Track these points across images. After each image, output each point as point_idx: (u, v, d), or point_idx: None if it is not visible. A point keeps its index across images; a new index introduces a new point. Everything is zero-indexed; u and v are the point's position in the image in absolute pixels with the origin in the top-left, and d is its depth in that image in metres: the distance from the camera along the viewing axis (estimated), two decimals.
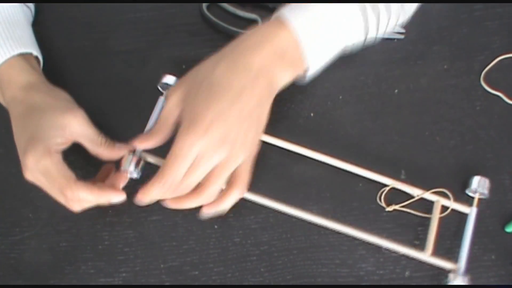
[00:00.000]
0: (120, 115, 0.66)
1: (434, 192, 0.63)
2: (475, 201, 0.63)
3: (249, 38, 0.56)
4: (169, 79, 0.63)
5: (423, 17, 0.67)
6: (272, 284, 0.64)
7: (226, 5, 0.67)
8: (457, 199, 0.64)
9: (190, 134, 0.52)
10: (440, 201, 0.63)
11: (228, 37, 0.67)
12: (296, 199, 0.65)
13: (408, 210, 0.64)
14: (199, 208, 0.65)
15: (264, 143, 0.65)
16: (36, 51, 0.64)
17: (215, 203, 0.56)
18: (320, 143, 0.65)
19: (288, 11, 0.55)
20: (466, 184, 0.64)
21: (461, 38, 0.68)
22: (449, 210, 0.63)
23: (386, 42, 0.67)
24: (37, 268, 0.64)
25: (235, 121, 0.53)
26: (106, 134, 0.65)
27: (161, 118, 0.56)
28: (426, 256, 0.62)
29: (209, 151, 0.53)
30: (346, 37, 0.58)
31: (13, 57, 0.60)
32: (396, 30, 0.66)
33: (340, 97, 0.67)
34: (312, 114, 0.66)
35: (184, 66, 0.67)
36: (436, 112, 0.67)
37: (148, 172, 0.58)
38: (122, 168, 0.60)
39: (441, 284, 0.64)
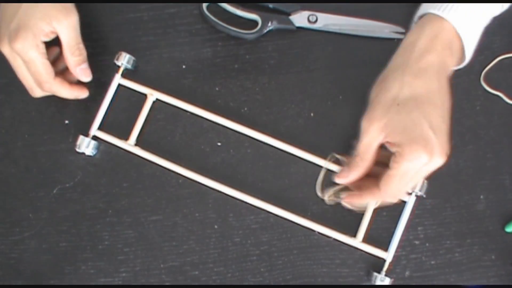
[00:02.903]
0: (120, 114, 0.66)
1: None
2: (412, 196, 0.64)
3: (417, 42, 0.56)
4: (125, 57, 0.65)
5: None
6: (272, 284, 0.64)
7: (226, 5, 0.67)
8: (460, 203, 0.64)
9: (417, 157, 0.53)
10: None
11: (228, 37, 0.67)
12: (296, 199, 0.65)
13: (342, 202, 0.62)
14: (198, 208, 0.65)
15: (264, 143, 0.65)
16: None
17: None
18: (320, 143, 0.65)
19: (439, 10, 0.56)
20: (468, 185, 0.65)
21: None
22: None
23: (386, 42, 0.67)
24: (37, 268, 0.64)
25: (446, 128, 0.55)
26: (107, 133, 0.65)
27: (361, 150, 0.56)
28: (356, 242, 0.63)
29: (428, 166, 0.54)
30: (491, 15, 0.60)
31: None
32: (397, 30, 0.66)
33: (340, 97, 0.67)
34: (312, 114, 0.66)
35: (184, 66, 0.67)
36: None
37: None
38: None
39: (440, 284, 0.64)
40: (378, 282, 0.62)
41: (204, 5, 0.67)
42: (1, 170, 0.66)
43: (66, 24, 0.60)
